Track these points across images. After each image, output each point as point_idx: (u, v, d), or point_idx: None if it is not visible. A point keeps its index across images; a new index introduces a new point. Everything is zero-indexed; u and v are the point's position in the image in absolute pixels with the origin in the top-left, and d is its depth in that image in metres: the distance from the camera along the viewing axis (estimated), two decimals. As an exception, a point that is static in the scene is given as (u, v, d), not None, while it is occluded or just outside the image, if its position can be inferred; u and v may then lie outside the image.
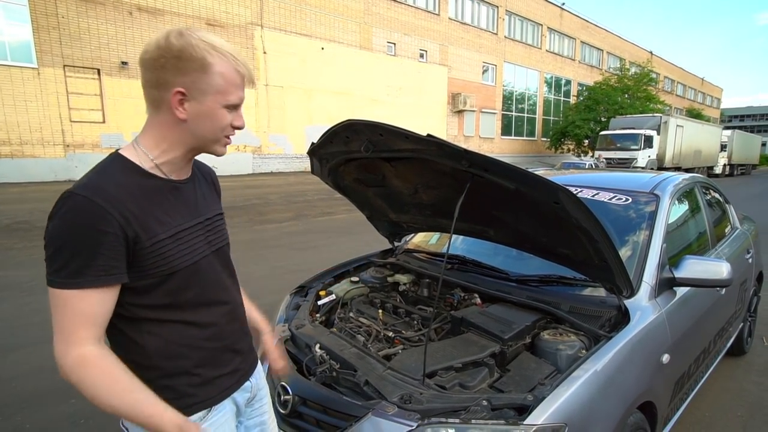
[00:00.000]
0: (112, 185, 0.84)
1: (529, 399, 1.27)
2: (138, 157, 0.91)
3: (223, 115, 0.90)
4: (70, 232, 0.80)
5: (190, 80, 0.85)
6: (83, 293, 0.80)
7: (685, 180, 2.53)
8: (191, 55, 0.84)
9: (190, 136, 0.91)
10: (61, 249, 0.80)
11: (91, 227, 0.80)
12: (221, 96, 0.88)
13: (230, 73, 0.88)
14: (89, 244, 0.80)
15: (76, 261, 0.79)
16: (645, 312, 1.69)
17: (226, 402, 1.03)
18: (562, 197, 1.27)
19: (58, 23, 11.82)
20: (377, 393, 1.39)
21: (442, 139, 1.31)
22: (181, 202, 0.96)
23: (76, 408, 2.48)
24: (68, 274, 0.80)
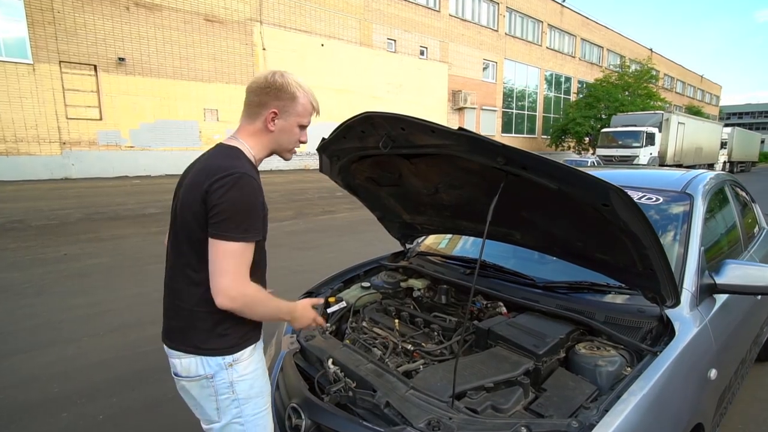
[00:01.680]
0: (253, 170, 1.20)
1: (574, 426, 1.12)
2: (248, 153, 1.24)
3: (297, 132, 1.29)
4: (248, 200, 1.13)
5: (282, 104, 1.23)
6: (251, 246, 1.15)
7: (713, 178, 2.38)
8: (288, 90, 1.23)
9: (274, 143, 1.28)
10: (240, 212, 1.11)
11: (258, 200, 1.16)
12: (299, 118, 1.27)
13: (307, 104, 1.27)
14: (258, 212, 1.15)
15: (248, 222, 1.13)
16: (688, 323, 1.54)
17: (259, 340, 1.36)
18: (614, 198, 1.12)
19: (53, 18, 11.60)
20: (400, 417, 1.24)
21: (476, 132, 1.16)
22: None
23: (68, 423, 2.32)
24: (243, 230, 1.12)
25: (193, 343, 1.21)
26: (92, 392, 2.60)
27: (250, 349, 1.27)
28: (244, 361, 1.24)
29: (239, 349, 1.23)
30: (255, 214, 1.14)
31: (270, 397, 1.35)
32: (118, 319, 3.65)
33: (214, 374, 1.20)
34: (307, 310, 1.36)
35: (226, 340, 1.21)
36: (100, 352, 3.10)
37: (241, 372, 1.23)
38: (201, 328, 1.20)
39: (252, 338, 1.28)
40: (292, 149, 1.32)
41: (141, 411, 2.42)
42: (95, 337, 3.32)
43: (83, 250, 5.95)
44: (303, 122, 1.27)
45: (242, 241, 1.11)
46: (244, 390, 1.24)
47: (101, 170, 12.67)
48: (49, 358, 3.02)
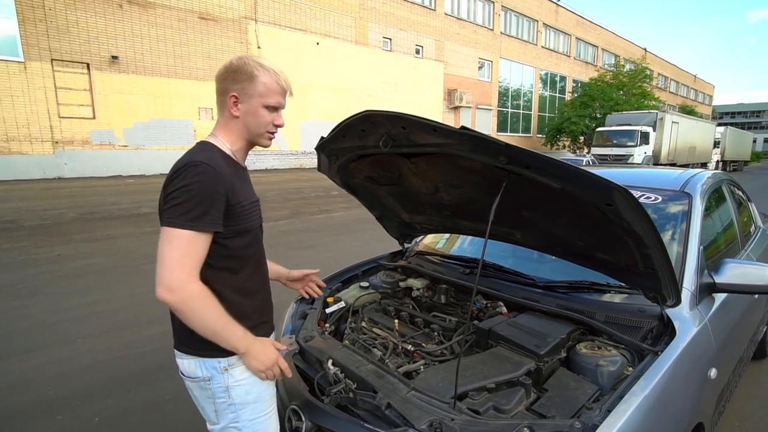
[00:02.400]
0: (221, 162, 1.14)
1: (576, 426, 1.11)
2: (221, 145, 1.20)
3: (264, 114, 1.19)
4: (200, 188, 1.06)
5: (241, 87, 1.16)
6: (201, 237, 1.07)
7: (711, 177, 2.39)
8: (244, 70, 1.16)
9: (244, 130, 1.20)
10: (190, 200, 1.05)
11: (216, 188, 1.08)
12: (262, 98, 1.17)
13: (270, 82, 1.17)
14: (213, 201, 1.08)
15: (198, 210, 1.05)
16: (688, 322, 1.54)
17: None
18: (617, 198, 1.11)
19: (45, 16, 11.46)
20: (401, 418, 1.23)
21: (478, 131, 1.15)
22: (248, 183, 1.27)
23: (63, 425, 2.29)
24: (191, 218, 1.05)
25: (190, 344, 1.18)
26: (88, 394, 2.57)
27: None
28: (241, 366, 1.20)
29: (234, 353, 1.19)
30: (208, 203, 1.06)
31: (274, 400, 1.32)
32: (113, 320, 3.61)
33: (210, 377, 1.19)
34: (268, 350, 1.20)
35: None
36: (96, 354, 3.07)
37: (237, 377, 1.20)
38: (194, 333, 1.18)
39: None
40: (265, 134, 1.22)
41: (137, 412, 2.39)
42: (90, 338, 3.29)
43: (77, 250, 5.89)
44: (268, 102, 1.17)
45: (189, 229, 1.04)
46: (240, 395, 1.20)
47: (95, 169, 12.56)
48: (43, 359, 2.98)
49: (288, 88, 1.21)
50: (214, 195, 1.07)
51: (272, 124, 1.21)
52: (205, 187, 1.06)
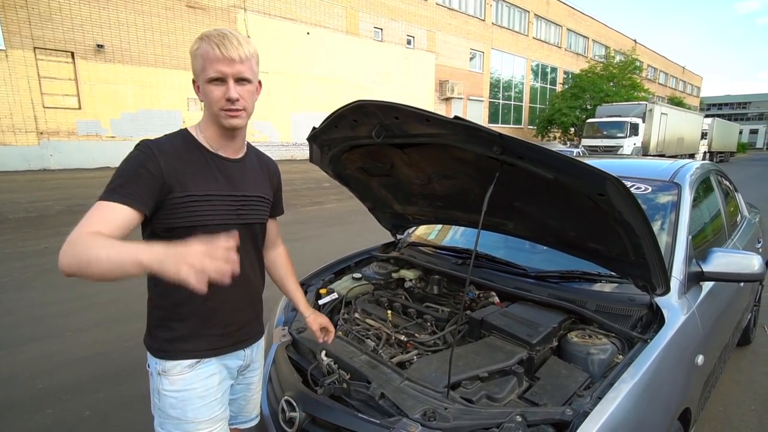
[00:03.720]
0: (169, 144, 1.08)
1: (568, 413, 1.13)
2: (196, 132, 1.14)
3: (211, 90, 1.06)
4: (126, 163, 1.02)
5: (193, 68, 1.09)
6: (110, 205, 0.96)
7: (699, 167, 2.41)
8: (191, 50, 1.08)
9: (209, 112, 1.11)
10: (115, 174, 1.01)
11: (140, 164, 1.01)
12: (203, 73, 1.06)
13: (207, 52, 1.04)
14: (132, 174, 1.00)
15: (117, 182, 0.99)
16: (677, 310, 1.57)
17: (214, 360, 1.17)
18: (610, 188, 1.12)
19: (26, 2, 11.12)
20: (395, 408, 1.23)
21: (472, 121, 1.14)
22: (223, 174, 1.13)
23: (53, 420, 2.27)
24: (107, 190, 0.98)
25: (147, 337, 1.17)
26: (77, 388, 2.55)
27: (184, 365, 1.12)
28: (174, 376, 1.12)
29: (168, 357, 1.12)
30: (127, 177, 0.99)
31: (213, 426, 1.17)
32: (102, 314, 3.57)
33: (151, 373, 1.16)
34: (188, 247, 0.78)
35: (155, 341, 1.14)
36: (85, 347, 3.03)
37: (167, 387, 1.12)
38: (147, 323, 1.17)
39: (186, 352, 1.13)
40: (221, 112, 1.08)
41: (128, 406, 2.38)
42: (79, 331, 3.25)
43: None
44: (209, 75, 1.04)
45: (100, 199, 0.97)
46: (165, 406, 1.13)
47: (81, 161, 12.32)
48: (31, 354, 2.95)
49: (229, 52, 1.02)
50: (138, 170, 1.00)
51: (224, 99, 1.06)
52: (130, 164, 1.01)
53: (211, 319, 1.15)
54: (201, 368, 1.14)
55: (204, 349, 1.15)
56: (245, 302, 1.22)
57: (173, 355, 1.12)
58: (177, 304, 1.12)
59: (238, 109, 1.08)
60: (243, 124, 1.13)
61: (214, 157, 1.13)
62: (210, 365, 1.16)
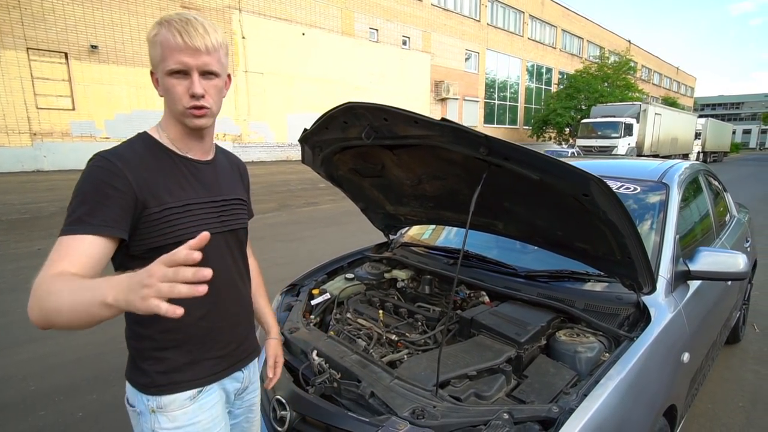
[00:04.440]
0: (131, 153, 0.93)
1: (554, 411, 1.15)
2: (159, 134, 0.99)
3: (172, 84, 0.91)
4: (85, 184, 0.87)
5: (151, 58, 0.93)
6: (79, 239, 0.82)
7: (688, 167, 2.44)
8: (148, 38, 0.92)
9: (170, 111, 0.96)
10: (75, 199, 0.86)
11: (104, 182, 0.86)
12: (163, 64, 0.91)
13: (167, 39, 0.89)
14: (98, 197, 0.85)
15: (82, 209, 0.84)
16: (663, 309, 1.59)
17: (215, 386, 1.05)
18: (594, 188, 1.14)
19: (19, 2, 11.07)
20: (385, 406, 1.25)
21: (459, 123, 1.16)
22: (198, 179, 1.00)
23: (46, 421, 2.27)
24: (71, 221, 0.83)
25: (131, 373, 1.01)
26: (70, 390, 2.55)
27: (184, 398, 0.99)
28: (172, 411, 0.97)
29: (164, 392, 0.97)
30: (95, 200, 0.84)
31: None
32: (96, 315, 3.55)
33: (141, 412, 1.00)
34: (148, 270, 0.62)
35: (144, 376, 0.98)
36: (79, 349, 3.03)
37: (165, 425, 0.97)
38: (129, 356, 1.02)
39: (185, 383, 0.99)
40: (185, 111, 0.93)
41: (121, 407, 2.36)
42: (73, 334, 3.23)
43: (58, 244, 5.76)
44: (170, 67, 0.89)
45: (66, 234, 0.82)
46: None
47: (75, 162, 12.24)
48: (24, 355, 2.94)
49: (192, 40, 0.88)
50: (105, 190, 0.85)
51: (188, 95, 0.91)
52: (93, 184, 0.85)
53: (209, 340, 1.02)
54: (204, 398, 1.02)
55: (205, 375, 1.02)
56: (240, 316, 1.11)
57: (170, 389, 0.97)
58: (167, 331, 0.97)
59: (203, 106, 0.93)
60: (209, 124, 0.99)
61: (184, 160, 0.99)
62: (213, 392, 1.04)
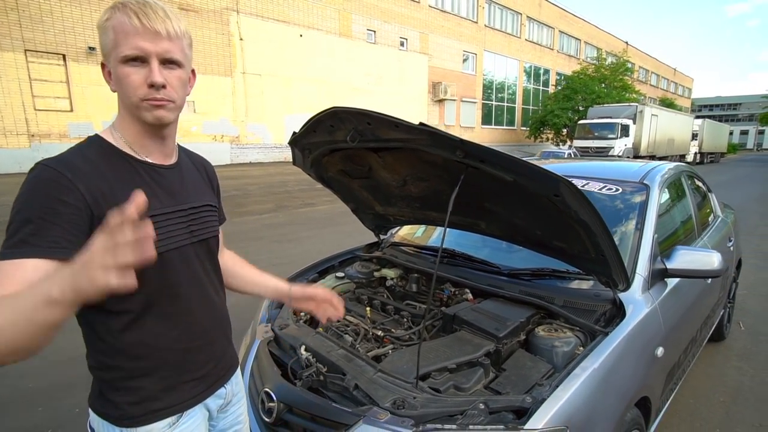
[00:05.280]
0: (82, 161, 0.81)
1: (527, 401, 1.21)
2: (113, 137, 0.88)
3: (126, 73, 0.81)
4: (28, 199, 0.75)
5: (102, 47, 0.83)
6: (19, 263, 0.70)
7: (671, 169, 2.51)
8: (99, 24, 0.82)
9: (123, 105, 0.86)
10: (16, 217, 0.74)
11: (51, 197, 0.75)
12: (116, 51, 0.80)
13: (121, 23, 0.79)
14: (45, 214, 0.74)
15: (26, 229, 0.73)
16: (639, 305, 1.66)
17: (197, 408, 0.98)
18: (563, 189, 1.20)
19: (16, 4, 11.10)
20: (368, 398, 1.31)
21: (435, 127, 1.22)
22: (162, 186, 0.90)
23: (44, 417, 2.32)
24: (13, 243, 0.72)
25: (90, 397, 0.93)
26: (67, 387, 2.60)
27: (162, 425, 0.90)
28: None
29: (138, 424, 0.87)
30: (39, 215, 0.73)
31: None
32: (93, 314, 3.60)
33: None
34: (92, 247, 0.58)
35: (115, 408, 0.87)
36: (75, 348, 3.04)
37: None
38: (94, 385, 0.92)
39: (161, 411, 0.90)
40: (142, 104, 0.82)
41: (118, 404, 2.43)
42: (70, 331, 3.23)
43: (56, 245, 5.81)
44: (124, 53, 0.79)
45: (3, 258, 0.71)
46: None
47: (73, 163, 12.31)
48: (22, 354, 2.98)
49: (152, 23, 0.79)
50: (53, 206, 0.74)
51: (145, 85, 0.81)
52: (38, 199, 0.74)
53: (185, 363, 0.93)
54: (184, 423, 0.93)
55: (184, 400, 0.94)
56: (217, 331, 1.02)
57: (146, 419, 0.88)
58: (137, 358, 0.87)
59: (163, 98, 0.83)
60: (171, 119, 0.88)
61: (144, 165, 0.88)
62: (194, 415, 0.96)
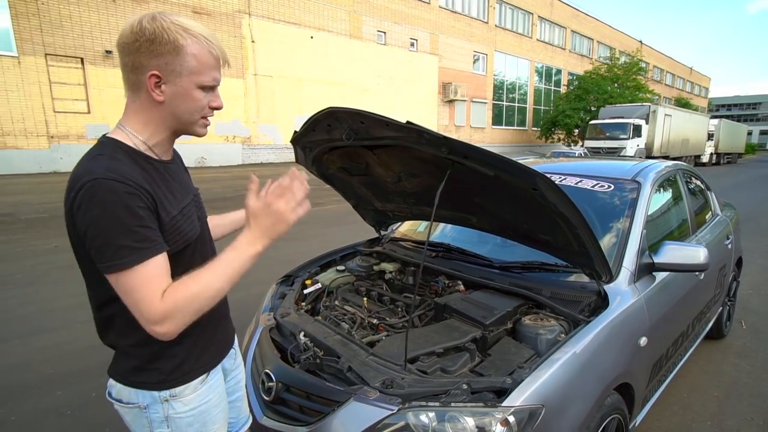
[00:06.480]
0: (125, 167, 0.88)
1: (507, 382, 1.30)
2: (130, 140, 0.94)
3: (198, 96, 0.93)
4: (113, 215, 0.83)
5: (163, 62, 0.88)
6: (149, 263, 0.85)
7: (667, 167, 2.56)
8: (164, 38, 0.87)
9: (171, 118, 0.95)
10: (109, 234, 0.83)
11: (132, 205, 0.84)
12: (195, 77, 0.91)
13: (203, 54, 0.91)
14: (137, 220, 0.85)
15: (131, 238, 0.84)
16: (624, 296, 1.72)
17: (218, 366, 1.14)
18: (540, 183, 1.28)
19: (38, 10, 11.49)
20: (360, 379, 1.40)
21: (422, 126, 1.31)
22: (176, 181, 1.02)
23: (63, 400, 2.47)
24: (128, 251, 0.83)
25: (125, 374, 1.02)
26: (85, 373, 2.75)
27: (196, 383, 1.05)
28: (186, 396, 1.03)
29: (178, 384, 1.02)
30: (133, 222, 0.84)
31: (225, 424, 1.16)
32: (108, 307, 3.77)
33: (147, 405, 1.01)
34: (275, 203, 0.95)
35: (157, 374, 1.00)
36: (92, 337, 3.19)
37: (180, 409, 1.02)
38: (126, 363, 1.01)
39: (196, 370, 1.05)
40: (200, 121, 0.97)
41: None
42: (87, 323, 3.41)
43: (73, 242, 6.03)
44: (203, 82, 0.92)
45: (132, 265, 0.83)
46: (181, 428, 1.04)
47: (90, 164, 12.65)
48: (42, 343, 3.15)
49: (223, 58, 0.95)
50: (137, 212, 0.85)
51: (208, 107, 0.96)
52: (124, 209, 0.83)
53: (209, 327, 1.08)
54: (212, 379, 1.10)
55: (211, 360, 1.10)
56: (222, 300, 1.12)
57: (183, 380, 1.02)
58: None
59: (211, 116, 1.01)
60: None
61: (162, 165, 0.99)
62: (217, 372, 1.13)
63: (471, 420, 1.21)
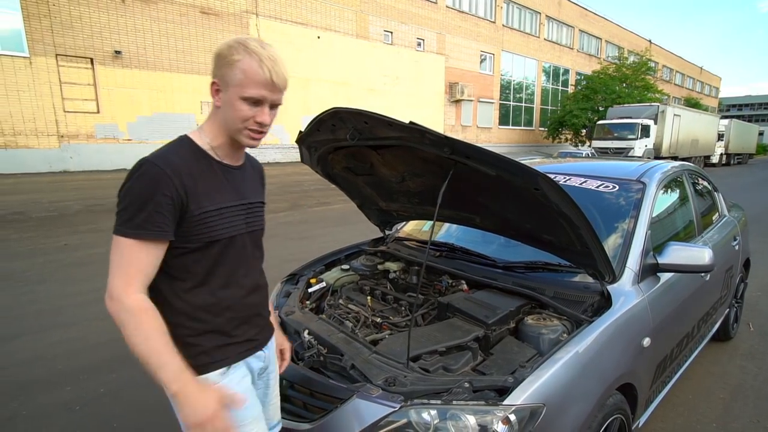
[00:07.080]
0: (178, 159, 1.01)
1: (509, 381, 1.30)
2: (201, 139, 1.08)
3: (241, 107, 1.02)
4: (141, 190, 0.96)
5: (221, 74, 1.02)
6: (142, 244, 0.96)
7: (673, 168, 2.54)
8: (225, 54, 1.01)
9: (223, 122, 1.06)
10: (130, 205, 0.96)
11: (158, 190, 0.96)
12: (239, 88, 1.00)
13: (252, 70, 0.99)
14: (153, 204, 0.95)
15: (140, 216, 0.95)
16: (628, 297, 1.72)
17: (241, 363, 1.16)
18: (542, 183, 1.29)
19: (49, 11, 11.64)
20: (363, 376, 1.42)
21: (424, 126, 1.32)
22: (230, 183, 1.11)
23: (72, 395, 2.51)
24: (134, 225, 0.95)
25: None
26: (93, 369, 2.79)
27: (215, 376, 1.08)
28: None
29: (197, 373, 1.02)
30: (149, 207, 0.95)
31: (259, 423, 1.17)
32: (117, 304, 3.82)
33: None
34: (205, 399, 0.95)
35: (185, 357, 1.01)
36: (101, 334, 3.28)
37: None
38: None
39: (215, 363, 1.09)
40: (244, 131, 1.05)
41: (139, 385, 2.60)
42: (96, 320, 3.50)
43: (83, 240, 6.12)
44: (244, 93, 1.00)
45: (130, 237, 0.95)
46: None
47: (99, 163, 12.80)
48: (53, 339, 3.21)
49: (278, 80, 1.02)
50: (158, 198, 0.95)
51: (253, 120, 1.03)
52: (144, 190, 0.95)
53: (233, 330, 1.13)
54: (233, 373, 1.12)
55: (229, 356, 1.12)
56: (260, 307, 1.23)
57: (199, 370, 1.04)
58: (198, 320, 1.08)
59: (261, 132, 1.06)
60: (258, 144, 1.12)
61: (222, 166, 1.09)
62: (240, 368, 1.14)
63: (472, 418, 1.22)
